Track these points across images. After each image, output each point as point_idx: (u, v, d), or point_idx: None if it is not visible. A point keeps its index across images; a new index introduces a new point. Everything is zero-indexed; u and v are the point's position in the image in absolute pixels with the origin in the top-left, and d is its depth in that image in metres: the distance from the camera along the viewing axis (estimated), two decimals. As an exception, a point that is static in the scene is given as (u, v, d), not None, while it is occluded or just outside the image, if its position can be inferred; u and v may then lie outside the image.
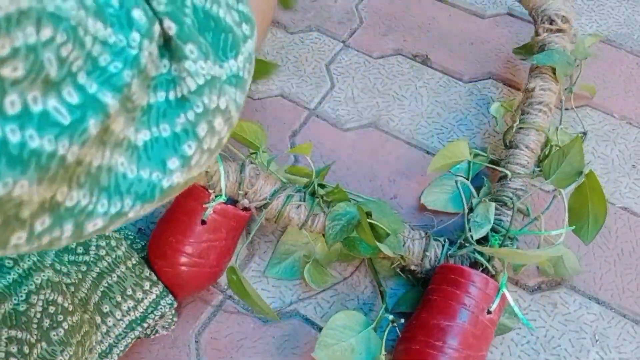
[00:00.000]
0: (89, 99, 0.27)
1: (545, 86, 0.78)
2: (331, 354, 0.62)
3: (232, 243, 0.70)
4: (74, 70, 0.27)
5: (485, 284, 0.63)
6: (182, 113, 0.33)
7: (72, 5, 0.26)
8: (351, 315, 0.65)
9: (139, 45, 0.30)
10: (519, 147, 0.74)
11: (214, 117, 0.35)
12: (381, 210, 0.68)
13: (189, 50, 0.33)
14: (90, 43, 0.28)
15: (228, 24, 0.37)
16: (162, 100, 0.33)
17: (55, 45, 0.25)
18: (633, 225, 0.79)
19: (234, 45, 0.37)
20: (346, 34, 0.99)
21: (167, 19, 0.32)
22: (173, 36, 0.33)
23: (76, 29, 0.27)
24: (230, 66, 0.37)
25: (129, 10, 0.30)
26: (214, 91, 0.35)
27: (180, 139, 0.34)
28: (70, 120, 0.27)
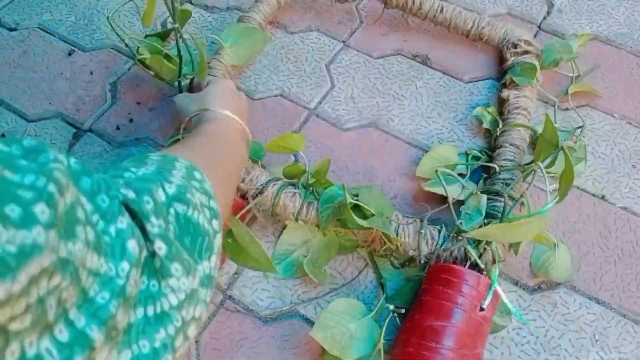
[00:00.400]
0: (77, 335, 0.28)
1: (520, 94, 0.85)
2: (329, 336, 0.63)
3: None
4: (67, 306, 0.28)
5: (477, 281, 0.63)
6: (162, 328, 0.35)
7: (80, 247, 0.28)
8: (352, 303, 0.66)
9: (126, 275, 0.31)
10: (504, 146, 0.80)
11: (189, 327, 0.37)
12: (370, 194, 0.69)
13: (174, 268, 0.35)
14: (85, 277, 0.29)
15: (205, 228, 0.40)
16: (141, 317, 0.34)
17: (59, 290, 0.27)
18: (633, 225, 0.79)
19: (209, 247, 0.40)
20: (346, 34, 0.99)
21: (158, 240, 0.35)
22: (162, 256, 0.35)
23: (78, 269, 0.28)
24: (204, 267, 0.39)
25: (125, 241, 0.32)
26: (192, 303, 0.37)
27: (158, 354, 0.34)
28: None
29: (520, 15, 1.02)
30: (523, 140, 0.81)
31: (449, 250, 0.68)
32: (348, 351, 0.64)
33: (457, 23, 0.93)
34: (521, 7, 1.04)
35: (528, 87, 0.86)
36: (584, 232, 0.78)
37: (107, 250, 0.31)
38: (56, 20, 1.01)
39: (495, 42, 0.93)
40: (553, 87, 0.92)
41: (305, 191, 0.72)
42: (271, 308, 0.72)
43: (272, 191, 0.71)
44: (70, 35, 0.99)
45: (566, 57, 0.89)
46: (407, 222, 0.70)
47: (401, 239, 0.69)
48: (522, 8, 1.03)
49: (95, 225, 0.31)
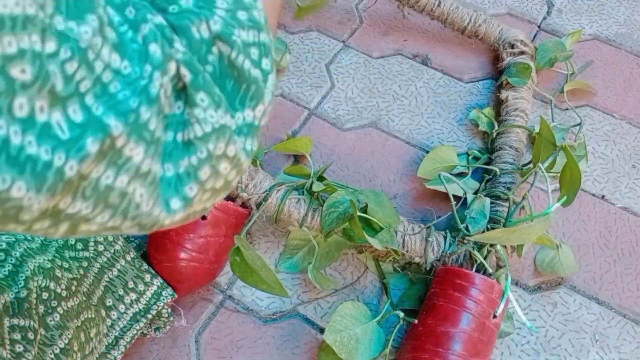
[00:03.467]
0: (93, 119, 0.28)
1: (517, 95, 0.85)
2: (339, 340, 0.63)
3: (231, 240, 0.70)
4: (82, 90, 0.28)
5: (491, 288, 0.63)
6: (187, 156, 0.34)
7: (86, 30, 0.28)
8: (357, 306, 0.66)
9: (149, 75, 0.31)
10: (503, 148, 0.80)
11: (219, 162, 0.36)
12: (378, 201, 0.68)
13: (199, 98, 0.34)
14: (101, 68, 0.29)
15: (252, 75, 0.37)
16: (170, 140, 0.34)
17: (58, 59, 0.26)
18: (633, 225, 0.79)
19: (255, 96, 0.37)
20: (346, 34, 0.99)
21: (182, 66, 0.33)
22: (187, 83, 0.34)
23: (85, 51, 0.28)
24: (245, 115, 0.37)
25: (148, 44, 0.31)
26: (221, 139, 0.35)
27: (182, 181, 0.35)
28: (68, 137, 0.28)
29: (520, 15, 1.02)
30: (521, 142, 0.81)
31: (455, 255, 0.68)
32: (355, 355, 0.63)
33: (453, 18, 0.92)
34: (521, 7, 1.04)
35: (525, 88, 0.86)
36: (584, 232, 0.78)
37: (133, 55, 0.31)
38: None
39: (490, 40, 0.93)
40: (550, 85, 0.92)
41: (310, 197, 0.70)
42: (271, 308, 0.72)
43: (276, 197, 0.70)
44: (70, 35, 0.99)
45: (561, 56, 0.89)
46: (414, 232, 0.69)
47: (407, 247, 0.69)
48: (522, 8, 1.03)
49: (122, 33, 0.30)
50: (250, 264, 0.63)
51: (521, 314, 0.64)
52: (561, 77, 0.92)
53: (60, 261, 0.60)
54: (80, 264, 0.62)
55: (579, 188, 0.65)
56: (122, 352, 0.63)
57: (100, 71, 0.29)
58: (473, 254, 0.66)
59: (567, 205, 0.66)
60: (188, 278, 0.68)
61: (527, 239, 0.65)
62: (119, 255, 0.65)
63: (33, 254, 0.57)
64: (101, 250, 0.64)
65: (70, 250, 0.62)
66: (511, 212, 0.68)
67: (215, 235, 0.67)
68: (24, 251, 0.57)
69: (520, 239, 0.65)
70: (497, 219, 0.70)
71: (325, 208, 0.67)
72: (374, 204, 0.67)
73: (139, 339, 0.67)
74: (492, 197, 0.73)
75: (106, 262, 0.64)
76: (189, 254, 0.66)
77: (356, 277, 0.74)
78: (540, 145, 0.70)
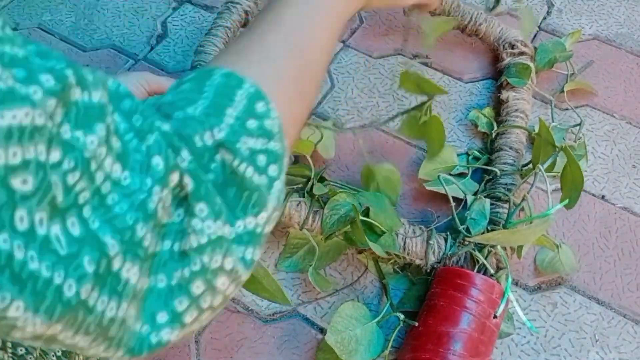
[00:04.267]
0: (89, 235, 0.27)
1: (518, 96, 0.85)
2: (340, 341, 0.63)
3: None
4: (81, 202, 0.27)
5: (491, 288, 0.63)
6: (180, 268, 0.33)
7: (92, 140, 0.27)
8: (357, 306, 0.66)
9: (149, 190, 0.30)
10: (503, 149, 0.79)
11: (215, 276, 0.34)
12: (379, 204, 0.68)
13: (199, 209, 0.33)
14: (102, 179, 0.28)
15: (254, 183, 0.36)
16: (167, 250, 0.32)
17: (61, 170, 0.26)
18: (633, 225, 0.79)
19: (257, 204, 0.36)
20: (346, 34, 0.99)
21: (186, 175, 0.33)
22: (189, 193, 0.33)
23: (89, 161, 0.27)
24: (246, 223, 0.36)
25: (151, 156, 0.31)
26: (218, 251, 0.34)
27: (172, 294, 0.33)
28: (66, 253, 0.26)
29: (520, 15, 1.02)
30: (521, 143, 0.81)
31: (456, 256, 0.68)
32: (355, 356, 0.63)
33: (454, 16, 0.92)
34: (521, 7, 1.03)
35: (525, 89, 0.86)
36: (584, 232, 0.78)
37: (134, 166, 0.30)
38: (56, 20, 1.01)
39: (490, 40, 0.93)
40: (549, 85, 0.92)
41: (311, 200, 0.70)
42: (271, 308, 0.72)
43: None
44: (70, 35, 0.99)
45: (561, 56, 0.89)
46: (415, 235, 0.69)
47: (408, 249, 0.69)
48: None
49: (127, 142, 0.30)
50: (252, 273, 0.63)
51: (522, 314, 0.64)
52: (561, 78, 0.92)
53: None
54: None
55: (582, 189, 0.65)
56: None
57: (100, 182, 0.28)
58: (474, 254, 0.66)
59: (571, 207, 0.66)
60: None
61: (527, 240, 0.65)
62: None
63: None
64: None
65: None
66: (511, 213, 0.68)
67: None
68: None
69: (520, 241, 0.65)
70: (497, 220, 0.70)
71: (326, 211, 0.67)
72: (375, 207, 0.67)
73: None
74: (492, 198, 0.73)
75: None
76: None
77: (356, 278, 0.74)
78: (539, 146, 0.70)
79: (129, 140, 0.30)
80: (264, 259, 0.75)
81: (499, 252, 0.67)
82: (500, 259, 0.67)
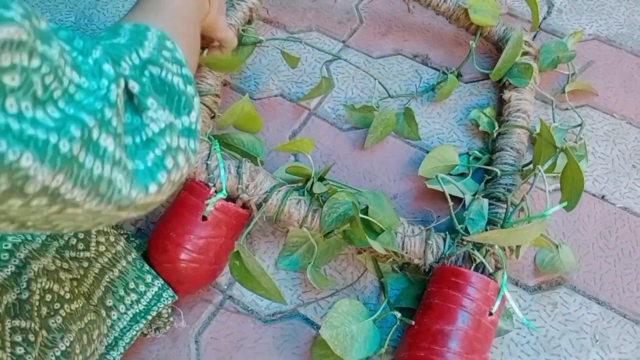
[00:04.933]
0: (69, 116, 0.35)
1: (520, 96, 0.85)
2: (335, 336, 0.63)
3: (231, 242, 0.70)
4: (55, 97, 0.35)
5: (486, 285, 0.63)
6: (150, 151, 0.43)
7: (54, 53, 0.34)
8: (354, 304, 0.66)
9: (107, 87, 0.39)
10: (504, 149, 0.79)
11: (177, 154, 0.45)
12: (378, 203, 0.68)
13: (149, 102, 0.43)
14: (67, 82, 0.36)
15: (180, 88, 0.47)
16: (131, 144, 0.42)
17: (41, 73, 0.33)
18: (633, 225, 0.79)
19: (187, 105, 0.47)
20: (346, 34, 0.99)
21: (131, 80, 0.43)
22: (136, 93, 0.43)
23: (57, 68, 0.35)
24: (183, 121, 0.46)
25: (101, 65, 0.39)
26: (174, 133, 0.45)
27: (153, 171, 0.43)
28: (54, 125, 0.34)
29: (520, 15, 1.02)
30: (522, 143, 0.81)
31: (454, 256, 0.68)
32: (349, 352, 0.63)
33: (459, 15, 0.92)
34: (521, 7, 1.04)
35: (527, 89, 0.86)
36: (584, 232, 0.78)
37: (87, 74, 0.38)
38: (56, 20, 1.01)
39: (494, 39, 0.93)
40: (550, 85, 0.92)
41: (311, 198, 0.70)
42: (271, 308, 0.72)
43: (276, 198, 0.69)
44: (70, 35, 0.99)
45: (564, 56, 0.90)
46: (414, 234, 0.69)
47: (407, 248, 0.69)
48: (522, 8, 1.03)
49: (74, 57, 0.38)
50: (250, 270, 0.63)
51: (517, 310, 0.64)
52: (561, 78, 0.92)
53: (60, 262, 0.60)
54: (80, 264, 0.62)
55: (582, 191, 0.65)
56: (121, 353, 0.63)
57: (67, 84, 0.36)
58: (473, 254, 0.66)
59: (571, 209, 0.66)
60: (188, 279, 0.68)
61: (524, 240, 0.65)
62: (120, 256, 0.65)
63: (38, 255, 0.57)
64: (102, 250, 0.64)
65: (71, 251, 0.63)
66: (509, 213, 0.68)
67: (215, 236, 0.67)
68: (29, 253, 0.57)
69: (517, 240, 0.65)
70: (495, 221, 0.70)
71: (325, 209, 0.68)
72: (374, 206, 0.67)
73: (138, 339, 0.67)
74: (491, 198, 0.73)
75: (107, 262, 0.64)
76: (190, 254, 0.66)
77: (356, 277, 0.74)
78: (540, 147, 0.70)
79: (76, 57, 0.38)
80: (264, 259, 0.75)
81: (497, 252, 0.67)
82: (499, 259, 0.67)
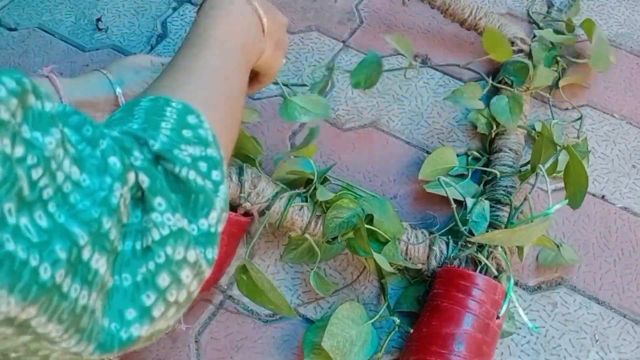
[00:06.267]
0: (57, 227, 0.29)
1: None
2: (335, 344, 0.63)
3: (232, 249, 0.70)
4: (45, 197, 0.28)
5: (494, 288, 0.62)
6: (144, 263, 0.34)
7: (50, 141, 0.29)
8: (354, 307, 0.65)
9: (109, 187, 0.32)
10: (503, 150, 0.79)
11: (180, 268, 0.35)
12: (383, 210, 0.67)
13: (157, 202, 0.35)
14: (62, 179, 0.30)
15: (199, 184, 0.38)
16: (129, 249, 0.34)
17: (26, 164, 0.27)
18: (633, 225, 0.79)
19: (205, 204, 0.38)
20: (346, 34, 0.99)
21: (141, 173, 0.35)
22: (145, 189, 0.35)
23: (49, 160, 0.29)
24: (199, 225, 0.38)
25: (107, 158, 0.33)
26: (180, 242, 0.35)
27: (139, 289, 0.34)
28: (38, 240, 0.27)
29: (520, 15, 1.02)
30: (520, 144, 0.81)
31: (457, 260, 0.68)
32: (347, 356, 0.63)
33: (454, 9, 0.92)
34: (521, 7, 1.04)
35: (524, 88, 0.86)
36: (584, 232, 0.78)
37: (92, 169, 0.32)
38: (56, 20, 1.01)
39: None
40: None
41: (314, 204, 0.69)
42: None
43: (279, 205, 0.68)
44: (70, 35, 0.99)
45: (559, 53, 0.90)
46: (418, 241, 0.69)
47: (410, 254, 0.68)
48: (522, 8, 1.03)
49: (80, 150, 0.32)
50: (259, 286, 0.63)
51: (523, 314, 0.64)
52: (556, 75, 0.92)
53: None
54: None
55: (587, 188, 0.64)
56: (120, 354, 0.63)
57: (61, 181, 0.29)
58: (476, 256, 0.66)
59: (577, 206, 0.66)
60: None
61: (527, 239, 0.64)
62: None
63: None
64: None
65: None
66: (512, 215, 0.68)
67: None
68: None
69: (521, 240, 0.65)
70: (497, 224, 0.70)
71: (328, 215, 0.67)
72: (379, 214, 0.67)
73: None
74: (492, 201, 0.73)
75: None
76: None
77: (356, 277, 0.74)
78: (541, 147, 0.70)
79: (83, 149, 0.32)
80: (264, 259, 0.75)
81: (500, 254, 0.66)
82: (501, 261, 0.67)
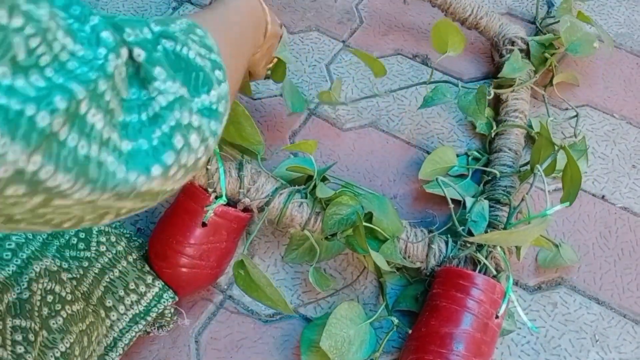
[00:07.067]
0: (56, 85, 0.30)
1: (517, 95, 0.85)
2: (333, 344, 0.63)
3: (232, 245, 0.70)
4: (42, 64, 0.30)
5: (493, 288, 0.62)
6: (157, 128, 0.37)
7: (44, 13, 0.30)
8: (353, 306, 0.65)
9: (104, 56, 0.33)
10: (502, 150, 0.79)
11: (188, 132, 0.38)
12: (382, 208, 0.67)
13: (157, 72, 0.37)
14: (59, 48, 0.31)
15: (198, 64, 0.40)
16: (136, 120, 0.36)
17: (24, 34, 0.28)
18: (633, 225, 0.79)
19: (206, 82, 0.40)
20: (346, 34, 0.99)
21: (136, 47, 0.36)
22: (142, 62, 0.36)
23: (46, 31, 0.30)
24: (202, 100, 0.40)
25: (99, 32, 0.34)
26: (184, 108, 0.38)
27: (159, 150, 0.36)
28: (36, 95, 0.29)
29: (520, 15, 1.02)
30: (520, 144, 0.81)
31: (456, 259, 0.68)
32: (345, 356, 0.63)
33: (455, 8, 0.92)
34: (521, 7, 1.04)
35: (524, 88, 0.86)
36: (584, 232, 0.78)
37: (83, 41, 0.32)
38: (56, 20, 1.01)
39: (490, 34, 0.92)
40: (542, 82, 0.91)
41: (313, 200, 0.69)
42: (271, 308, 0.71)
43: (278, 201, 0.68)
44: (70, 35, 0.99)
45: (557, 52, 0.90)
46: (417, 240, 0.69)
47: (409, 252, 0.68)
48: (522, 8, 1.03)
49: (70, 24, 0.33)
50: (255, 281, 0.63)
51: (523, 314, 0.64)
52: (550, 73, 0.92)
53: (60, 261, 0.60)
54: (80, 264, 0.62)
55: (579, 187, 0.65)
56: (120, 354, 0.63)
57: (58, 50, 0.31)
58: (475, 256, 0.66)
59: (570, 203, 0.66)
60: (189, 283, 0.68)
61: (525, 240, 0.64)
62: (120, 256, 0.65)
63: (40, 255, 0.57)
64: (103, 250, 0.64)
65: (71, 250, 0.62)
66: (511, 214, 0.68)
67: (216, 242, 0.67)
68: (32, 253, 0.57)
69: (518, 241, 0.65)
70: (496, 223, 0.70)
71: (327, 211, 0.67)
72: (378, 212, 0.67)
73: (139, 339, 0.67)
74: (491, 200, 0.73)
75: (108, 262, 0.64)
76: (190, 260, 0.66)
77: (356, 277, 0.74)
78: (540, 147, 0.70)
79: (71, 23, 0.33)
80: (264, 259, 0.75)
81: (499, 254, 0.67)
82: (500, 261, 0.67)
